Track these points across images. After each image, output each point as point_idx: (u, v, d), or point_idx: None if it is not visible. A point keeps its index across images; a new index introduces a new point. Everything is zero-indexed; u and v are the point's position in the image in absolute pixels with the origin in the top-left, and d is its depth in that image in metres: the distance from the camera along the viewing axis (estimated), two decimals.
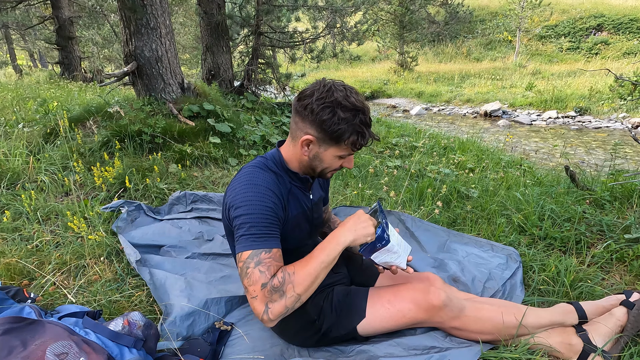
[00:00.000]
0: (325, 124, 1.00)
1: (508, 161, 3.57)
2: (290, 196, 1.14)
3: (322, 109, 0.99)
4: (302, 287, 0.97)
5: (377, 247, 1.11)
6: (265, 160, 1.14)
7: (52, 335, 0.99)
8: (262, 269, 0.96)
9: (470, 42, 18.10)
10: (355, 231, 1.04)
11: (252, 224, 0.99)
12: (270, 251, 0.99)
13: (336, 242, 1.03)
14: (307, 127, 1.04)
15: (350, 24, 6.10)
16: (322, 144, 1.05)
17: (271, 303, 0.95)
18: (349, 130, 1.01)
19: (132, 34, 3.30)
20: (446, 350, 1.17)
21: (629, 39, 14.67)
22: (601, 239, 1.86)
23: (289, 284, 0.96)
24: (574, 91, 10.01)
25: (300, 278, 0.97)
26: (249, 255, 0.97)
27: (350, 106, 0.99)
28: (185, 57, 14.17)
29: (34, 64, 19.95)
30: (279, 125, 4.30)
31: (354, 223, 1.05)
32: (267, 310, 0.95)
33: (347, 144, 1.04)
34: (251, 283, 0.96)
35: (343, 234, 1.04)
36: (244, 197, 1.02)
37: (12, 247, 1.76)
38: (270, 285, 0.95)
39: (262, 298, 0.95)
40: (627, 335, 1.20)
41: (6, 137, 3.18)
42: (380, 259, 1.15)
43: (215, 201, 2.37)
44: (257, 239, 0.98)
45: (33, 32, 13.39)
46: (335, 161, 1.10)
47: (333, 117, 0.99)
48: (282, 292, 0.96)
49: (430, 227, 2.03)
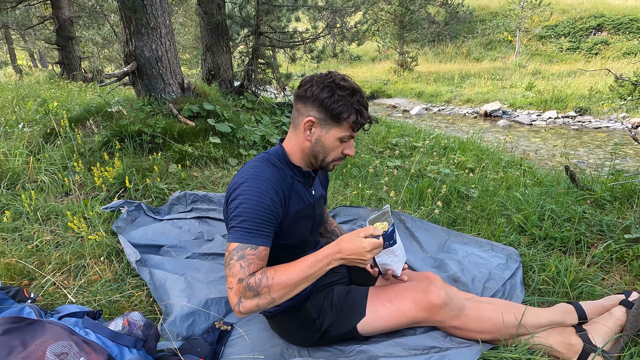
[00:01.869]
0: (325, 103, 1.05)
1: (508, 161, 3.57)
2: (293, 192, 1.14)
3: (321, 89, 1.05)
4: (278, 293, 0.99)
5: (384, 246, 1.09)
6: (268, 156, 1.15)
7: (52, 335, 0.99)
8: (244, 264, 0.98)
9: (470, 42, 18.10)
10: (350, 262, 1.03)
11: (245, 218, 1.01)
12: (257, 248, 1.00)
13: (326, 263, 1.02)
14: (308, 109, 1.09)
15: (350, 24, 6.10)
16: (324, 125, 1.08)
17: (244, 299, 0.98)
18: (348, 108, 1.05)
19: (132, 34, 3.30)
20: (446, 350, 1.18)
21: (629, 39, 14.67)
22: (601, 239, 1.86)
23: (265, 287, 0.98)
24: (574, 91, 10.02)
25: (278, 284, 0.98)
26: (235, 248, 1.00)
27: (348, 86, 1.06)
28: (185, 57, 14.16)
29: (34, 64, 19.95)
30: (279, 125, 4.30)
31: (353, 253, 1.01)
32: (239, 303, 0.98)
33: (347, 122, 1.07)
34: (230, 274, 0.99)
35: (336, 258, 1.01)
36: (243, 189, 1.03)
37: (12, 247, 1.76)
38: (246, 283, 0.97)
39: (236, 291, 0.98)
40: (627, 335, 1.20)
41: (6, 137, 3.18)
42: (381, 259, 1.15)
43: (215, 201, 2.37)
44: (246, 233, 1.00)
45: (33, 32, 13.39)
46: (336, 145, 1.11)
47: (333, 95, 1.04)
48: (257, 293, 0.98)
49: (430, 227, 2.03)
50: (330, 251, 1.02)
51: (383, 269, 1.19)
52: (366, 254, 1.01)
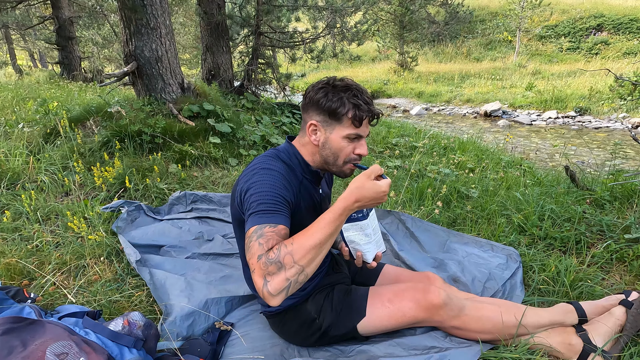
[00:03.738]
0: (320, 103, 1.08)
1: (508, 161, 3.57)
2: (302, 188, 1.15)
3: (316, 91, 1.09)
4: (305, 259, 0.90)
5: (352, 217, 1.07)
6: (277, 152, 1.15)
7: (52, 335, 0.99)
8: (262, 241, 0.92)
9: (470, 42, 18.09)
10: (364, 189, 0.95)
11: (260, 202, 0.98)
12: (276, 227, 0.95)
13: (346, 214, 0.96)
14: (310, 115, 1.11)
15: (350, 24, 6.09)
16: (326, 126, 1.09)
17: (269, 276, 0.89)
18: (344, 103, 1.06)
19: (132, 34, 3.30)
20: (446, 350, 1.18)
21: (629, 39, 14.66)
22: (601, 239, 1.86)
23: (286, 254, 0.90)
24: (574, 91, 10.00)
25: (300, 248, 0.90)
26: (254, 230, 0.95)
27: (343, 84, 1.08)
28: (185, 57, 14.17)
29: (34, 64, 19.93)
30: (279, 125, 4.30)
31: (375, 194, 0.96)
32: (265, 284, 0.89)
33: (348, 118, 1.07)
34: (250, 256, 0.92)
35: (350, 193, 0.96)
36: (255, 179, 1.03)
37: (12, 247, 1.77)
38: (265, 258, 0.90)
39: (258, 271, 0.90)
40: (627, 335, 1.20)
41: (6, 137, 3.18)
42: (349, 234, 1.11)
43: (215, 201, 2.37)
44: (264, 215, 0.96)
45: (33, 32, 13.39)
46: (344, 145, 1.09)
47: (327, 94, 1.07)
48: (280, 264, 0.89)
49: (430, 227, 2.03)
50: (347, 203, 0.95)
51: (353, 249, 1.14)
52: (384, 197, 0.97)
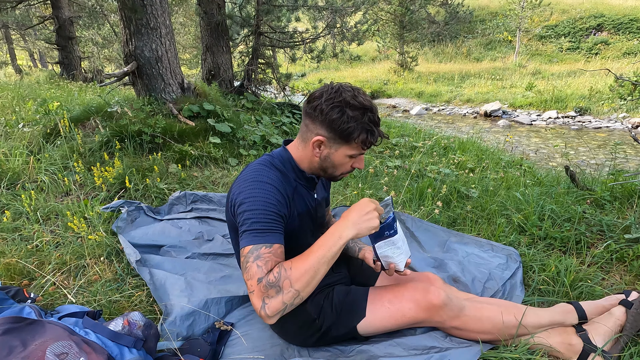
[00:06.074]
0: (334, 123, 1.03)
1: (508, 161, 3.57)
2: (296, 194, 1.14)
3: (331, 108, 1.02)
4: (300, 283, 0.95)
5: (384, 236, 1.08)
6: (271, 158, 1.14)
7: (52, 335, 0.99)
8: (260, 263, 0.96)
9: (470, 42, 18.09)
10: (359, 224, 1.01)
11: (255, 220, 0.99)
12: (271, 246, 0.99)
13: (338, 236, 1.00)
14: (317, 128, 1.06)
15: (350, 24, 6.09)
16: (333, 144, 1.07)
17: (268, 299, 0.95)
18: (358, 128, 1.03)
19: (132, 34, 3.30)
20: (446, 350, 1.17)
21: (629, 39, 14.65)
22: (601, 239, 1.86)
23: (285, 279, 0.95)
24: (574, 91, 10.00)
25: (297, 273, 0.96)
26: (250, 250, 0.98)
27: (359, 105, 1.02)
28: (185, 57, 14.17)
29: (34, 64, 19.94)
30: (279, 125, 4.30)
31: (357, 214, 1.02)
32: (264, 306, 0.95)
33: (357, 142, 1.06)
34: (249, 277, 0.97)
35: (345, 226, 1.01)
36: (248, 193, 1.02)
37: (12, 247, 1.76)
38: (265, 281, 0.95)
39: (258, 293, 0.95)
40: (627, 335, 1.20)
41: (6, 137, 3.18)
42: (383, 250, 1.13)
43: (215, 201, 2.37)
44: (258, 234, 0.99)
45: (33, 32, 13.40)
46: (346, 161, 1.10)
47: (342, 116, 1.02)
48: (279, 288, 0.94)
49: (430, 227, 2.03)
50: (338, 225, 1.01)
51: (385, 262, 1.17)
52: (372, 211, 1.01)
